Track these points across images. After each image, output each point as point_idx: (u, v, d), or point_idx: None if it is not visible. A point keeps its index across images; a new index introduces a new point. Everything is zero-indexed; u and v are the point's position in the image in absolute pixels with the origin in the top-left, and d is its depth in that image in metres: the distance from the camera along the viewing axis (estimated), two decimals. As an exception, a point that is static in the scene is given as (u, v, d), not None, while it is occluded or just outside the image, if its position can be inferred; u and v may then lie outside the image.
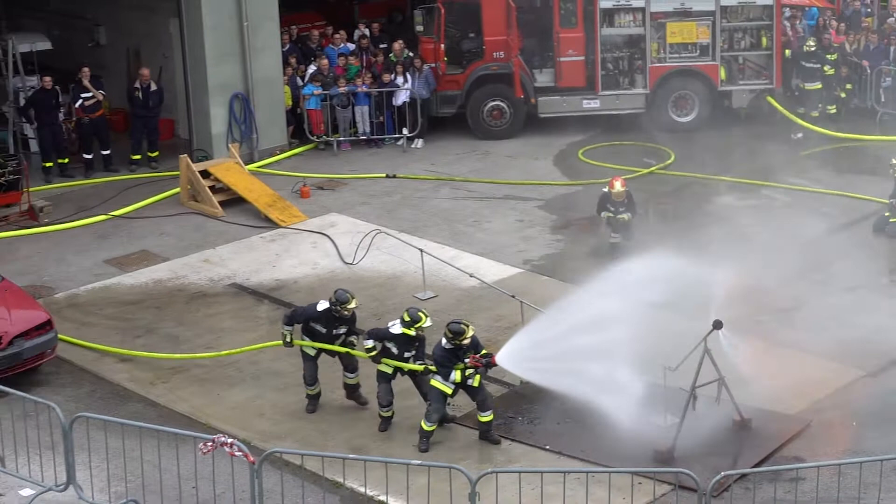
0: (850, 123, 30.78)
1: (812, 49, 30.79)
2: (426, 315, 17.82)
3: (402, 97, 30.25)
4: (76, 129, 28.90)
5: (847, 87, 31.38)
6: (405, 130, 30.25)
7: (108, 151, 28.83)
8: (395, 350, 17.88)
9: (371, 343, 17.94)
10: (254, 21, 28.82)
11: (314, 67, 30.64)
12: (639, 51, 30.59)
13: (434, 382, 17.46)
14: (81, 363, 20.07)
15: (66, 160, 28.54)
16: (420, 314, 17.76)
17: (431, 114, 30.81)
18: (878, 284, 22.09)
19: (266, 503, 15.17)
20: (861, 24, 33.02)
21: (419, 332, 17.78)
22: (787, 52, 31.20)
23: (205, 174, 26.88)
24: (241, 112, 29.07)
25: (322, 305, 18.26)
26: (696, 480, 14.49)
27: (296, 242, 24.90)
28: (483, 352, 17.59)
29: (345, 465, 15.87)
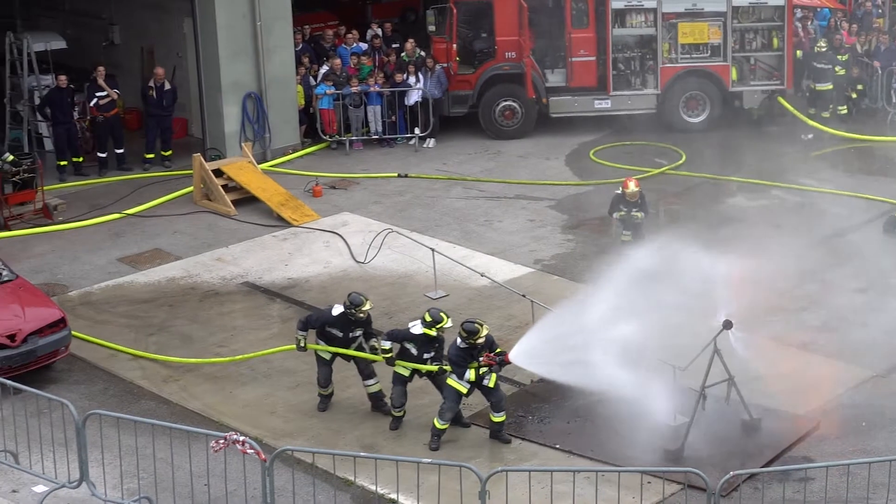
0: (861, 124, 30.74)
1: (823, 50, 30.79)
2: (447, 316, 17.79)
3: (415, 97, 30.28)
4: (90, 128, 28.95)
5: (858, 88, 31.33)
6: (417, 130, 30.27)
7: (122, 150, 28.85)
8: (415, 351, 17.81)
9: (388, 345, 17.92)
10: (267, 21, 28.84)
11: (327, 67, 30.65)
12: (650, 51, 30.56)
13: (450, 381, 17.47)
14: (95, 361, 20.09)
15: (81, 159, 28.59)
16: (441, 315, 17.73)
17: (443, 113, 30.79)
18: (889, 285, 22.00)
19: (277, 501, 15.19)
20: (872, 25, 33.01)
21: (440, 333, 17.75)
22: (799, 53, 31.17)
23: (218, 173, 26.91)
24: (254, 111, 29.10)
25: (337, 310, 18.22)
26: (706, 480, 14.46)
27: (308, 241, 24.90)
28: (497, 350, 17.62)
29: (356, 463, 15.88)
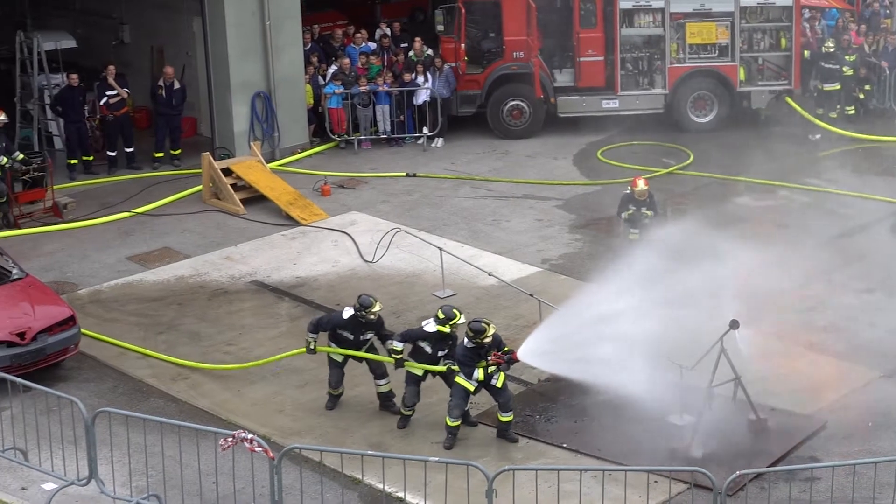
0: (869, 124, 30.72)
1: (831, 50, 30.77)
2: (460, 312, 17.82)
3: (423, 96, 30.33)
4: (100, 127, 29.02)
5: (866, 88, 31.32)
6: (425, 129, 30.31)
7: (132, 149, 28.94)
8: (429, 349, 17.84)
9: (400, 346, 17.95)
10: (276, 20, 28.90)
11: (336, 66, 30.70)
12: (658, 51, 30.57)
13: (458, 380, 17.49)
14: (104, 359, 20.14)
15: (91, 157, 28.68)
16: (454, 311, 17.76)
17: (451, 113, 30.84)
18: (896, 285, 22.12)
19: (285, 499, 15.24)
20: (880, 26, 32.99)
21: (453, 330, 17.76)
22: (806, 53, 31.15)
23: (227, 172, 26.98)
24: (263, 110, 29.16)
25: (347, 312, 18.23)
26: (712, 479, 14.48)
27: (316, 240, 24.95)
28: (505, 349, 17.63)
29: (363, 462, 15.89)
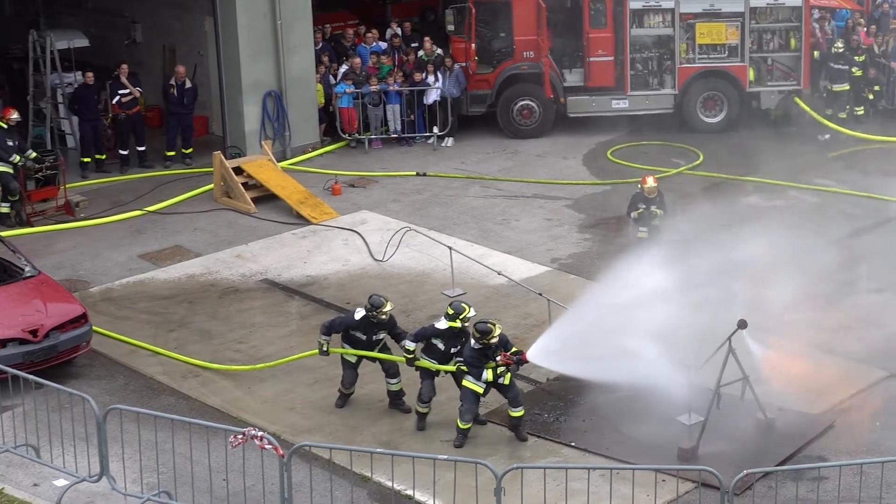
0: (878, 125, 30.66)
1: (840, 50, 30.77)
2: (468, 305, 17.89)
3: (433, 96, 30.38)
4: (112, 126, 29.11)
5: (875, 89, 31.34)
6: (436, 129, 30.35)
7: (144, 148, 29.03)
8: (442, 346, 17.88)
9: (412, 346, 17.97)
10: (287, 20, 28.97)
11: (347, 66, 30.77)
12: (668, 51, 30.60)
13: (466, 383, 17.51)
14: (115, 356, 20.22)
15: (104, 156, 28.78)
16: (463, 305, 17.84)
17: (462, 112, 30.89)
18: (905, 286, 22.05)
19: (295, 496, 15.29)
20: (889, 26, 32.89)
21: (464, 325, 17.78)
22: (816, 54, 31.17)
23: (238, 171, 27.05)
24: (274, 110, 29.23)
25: (359, 313, 18.28)
26: (720, 478, 14.52)
27: (327, 239, 25.01)
28: (513, 349, 17.66)
29: (372, 460, 15.93)
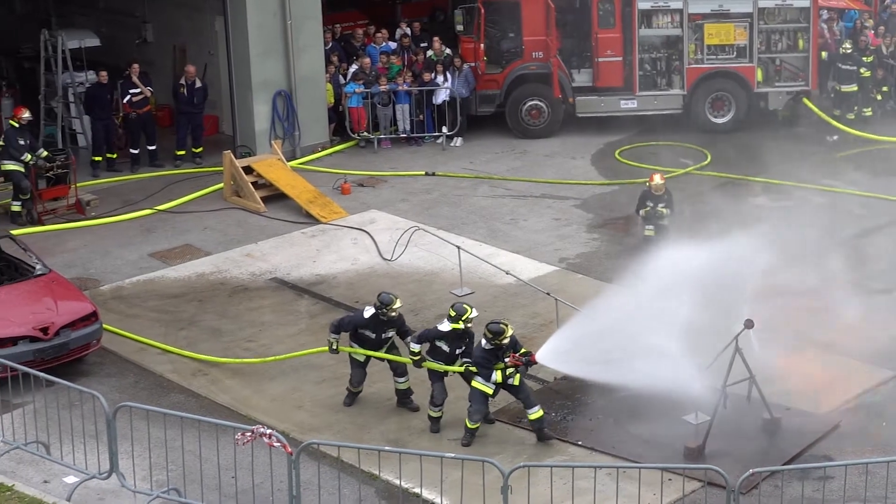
0: (886, 126, 30.61)
1: (848, 51, 30.79)
2: (470, 307, 17.93)
3: (442, 96, 30.43)
4: (123, 125, 29.18)
5: (883, 90, 31.32)
6: (445, 129, 30.42)
7: (154, 147, 29.11)
8: (447, 348, 17.92)
9: (417, 347, 18.03)
10: (297, 20, 29.03)
11: (356, 66, 30.84)
12: (676, 52, 30.62)
13: (475, 384, 17.54)
14: (125, 354, 20.32)
15: (115, 155, 28.88)
16: (465, 307, 17.88)
17: (471, 112, 30.93)
18: (912, 286, 22.05)
19: (303, 494, 15.35)
20: (898, 27, 33.10)
21: (467, 326, 17.84)
22: (824, 55, 31.17)
23: (248, 170, 27.12)
24: (284, 109, 29.30)
25: (368, 312, 18.33)
26: (726, 477, 14.57)
27: (336, 238, 25.08)
28: (522, 350, 17.70)
29: (380, 458, 16.04)
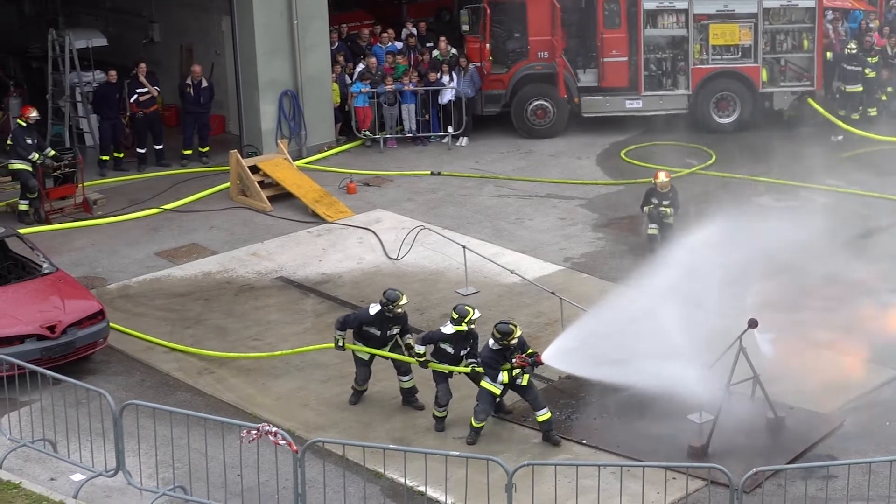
0: (891, 126, 30.51)
1: (853, 52, 30.81)
2: (472, 308, 17.95)
3: (448, 96, 30.48)
4: (130, 124, 29.24)
5: (888, 90, 31.32)
6: (450, 128, 30.47)
7: (161, 146, 29.18)
8: (451, 349, 17.94)
9: (422, 349, 18.07)
10: (303, 19, 29.09)
11: (362, 65, 30.89)
12: (681, 52, 30.65)
13: (483, 384, 17.59)
14: (132, 352, 20.36)
15: (122, 154, 28.97)
16: (467, 308, 17.88)
17: (476, 112, 30.98)
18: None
19: (308, 491, 15.43)
20: (903, 28, 33.09)
21: (470, 327, 17.86)
22: (829, 55, 31.21)
23: (254, 169, 27.17)
24: (291, 109, 29.36)
25: (374, 308, 18.35)
26: (729, 476, 14.61)
27: (342, 237, 25.13)
28: (529, 351, 17.71)
29: (385, 456, 16.05)
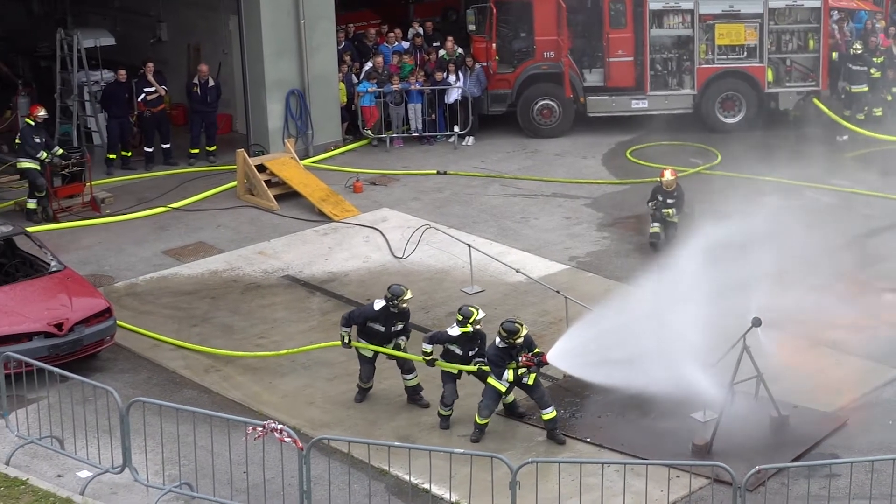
0: (896, 126, 30.82)
1: (859, 52, 30.81)
2: (477, 308, 17.98)
3: (454, 95, 30.53)
4: (138, 123, 29.30)
5: (893, 90, 31.29)
6: (456, 128, 30.51)
7: (168, 145, 29.25)
8: (460, 351, 17.97)
9: (429, 348, 18.12)
10: (310, 19, 29.16)
11: (369, 65, 30.97)
12: (687, 52, 30.67)
13: (490, 380, 17.64)
14: (139, 350, 20.46)
15: (129, 153, 29.03)
16: (471, 309, 17.91)
17: (482, 112, 31.03)
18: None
19: (314, 489, 15.49)
20: (909, 28, 33.09)
21: (476, 328, 17.89)
22: (834, 55, 31.21)
23: (261, 168, 27.23)
24: (297, 108, 29.42)
25: (379, 304, 18.40)
26: (732, 474, 14.67)
27: (348, 236, 25.19)
28: (535, 350, 17.78)
29: (390, 453, 16.16)
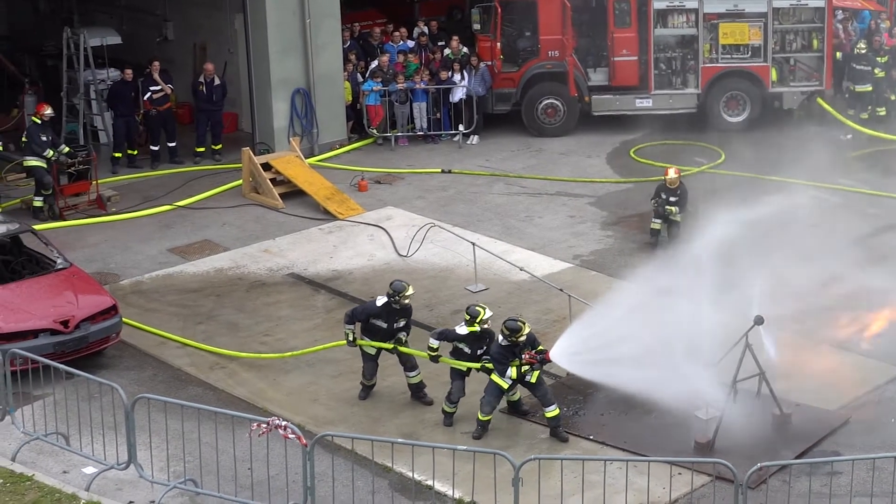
0: (900, 126, 30.75)
1: (863, 51, 30.83)
2: (484, 308, 18.01)
3: (459, 94, 30.57)
4: (144, 122, 29.37)
5: (897, 90, 31.51)
6: (461, 127, 30.56)
7: (174, 144, 29.32)
8: (468, 349, 18.00)
9: (436, 344, 18.15)
10: (316, 18, 29.21)
11: (374, 64, 31.00)
12: (691, 51, 30.68)
13: (493, 377, 17.70)
14: (144, 347, 20.54)
15: (135, 152, 29.13)
16: (478, 308, 17.94)
17: (487, 111, 31.06)
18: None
19: (317, 485, 15.56)
20: (912, 27, 33.12)
21: (483, 327, 17.90)
22: (838, 55, 31.24)
23: (266, 167, 27.29)
24: (303, 107, 29.49)
25: (381, 300, 18.44)
26: (734, 472, 14.70)
27: (353, 234, 25.26)
28: (539, 348, 17.83)
29: (394, 450, 16.19)
